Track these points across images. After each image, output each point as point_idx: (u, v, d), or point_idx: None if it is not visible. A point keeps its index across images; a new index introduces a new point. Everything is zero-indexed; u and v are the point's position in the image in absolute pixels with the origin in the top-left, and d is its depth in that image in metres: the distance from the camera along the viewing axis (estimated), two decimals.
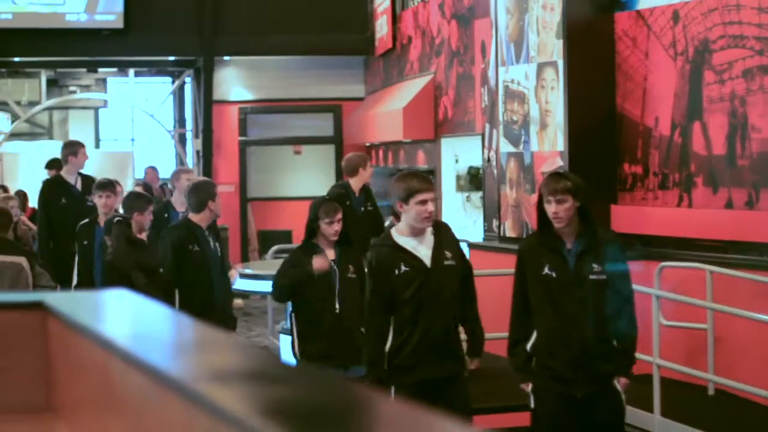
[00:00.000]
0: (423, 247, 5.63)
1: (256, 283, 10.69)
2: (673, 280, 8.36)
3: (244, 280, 10.56)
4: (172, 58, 17.53)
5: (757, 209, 8.17)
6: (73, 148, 9.88)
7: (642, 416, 7.52)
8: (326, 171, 17.03)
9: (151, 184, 14.26)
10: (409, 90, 14.35)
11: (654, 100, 9.15)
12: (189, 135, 18.20)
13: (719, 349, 8.09)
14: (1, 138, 17.74)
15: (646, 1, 9.23)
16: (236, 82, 17.30)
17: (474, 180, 13.09)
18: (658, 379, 7.51)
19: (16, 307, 2.66)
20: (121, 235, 7.36)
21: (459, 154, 13.38)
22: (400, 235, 5.66)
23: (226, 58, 16.99)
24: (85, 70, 18.89)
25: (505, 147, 10.36)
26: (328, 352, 6.63)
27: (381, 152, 16.46)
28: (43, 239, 9.67)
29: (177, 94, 18.63)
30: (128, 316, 2.62)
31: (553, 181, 5.41)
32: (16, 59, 16.96)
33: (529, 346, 5.49)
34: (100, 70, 18.89)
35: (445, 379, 5.67)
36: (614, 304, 5.42)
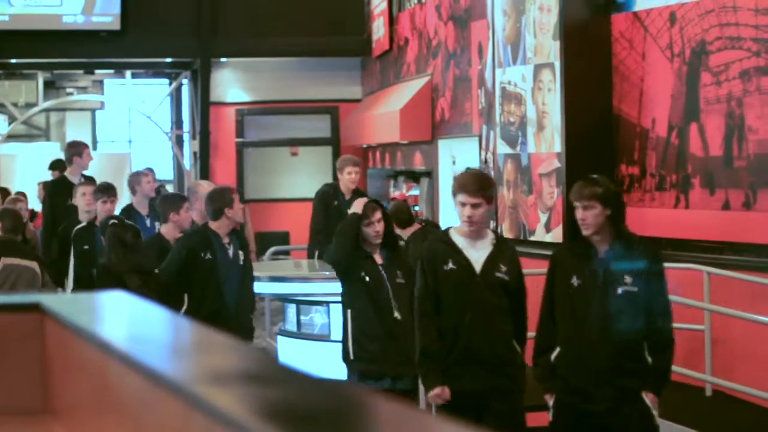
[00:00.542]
0: (476, 251, 5.45)
1: (255, 285, 10.61)
2: (670, 282, 8.33)
3: None
4: (169, 60, 17.53)
5: (754, 210, 8.16)
6: (78, 149, 9.71)
7: None
8: (323, 172, 17.03)
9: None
10: (406, 91, 14.35)
11: (651, 102, 9.15)
12: (186, 136, 18.20)
13: (717, 351, 8.08)
14: None
15: (642, 3, 9.23)
16: (233, 83, 17.30)
17: None
18: None
19: (13, 309, 2.65)
20: (114, 238, 7.33)
21: (456, 156, 13.38)
22: (456, 234, 5.49)
23: (223, 59, 16.99)
24: (82, 71, 18.87)
25: (502, 148, 10.36)
26: (383, 359, 6.44)
27: (378, 154, 16.46)
28: (47, 241, 9.56)
29: (174, 96, 18.62)
30: (125, 318, 2.62)
31: (581, 186, 5.19)
32: (13, 61, 16.95)
33: (553, 357, 5.29)
34: (97, 71, 18.87)
35: (493, 393, 5.44)
36: (648, 318, 5.20)
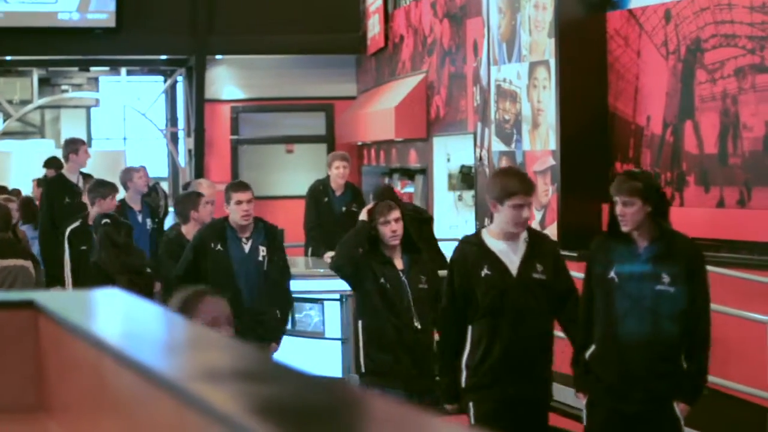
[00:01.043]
0: (512, 254, 5.18)
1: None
2: None
3: None
4: (164, 57, 17.51)
5: (749, 208, 8.17)
6: (75, 146, 9.65)
7: None
8: (318, 170, 16.96)
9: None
10: (401, 89, 14.35)
11: (646, 99, 9.15)
12: (181, 134, 18.18)
13: (712, 349, 8.04)
14: None
15: (637, 0, 9.24)
16: (228, 80, 17.29)
17: (466, 179, 13.09)
18: None
19: (7, 306, 2.64)
20: (106, 239, 7.33)
21: (451, 153, 13.38)
22: (490, 236, 5.21)
23: (218, 56, 16.98)
24: (77, 68, 18.87)
25: (497, 146, 10.36)
26: (394, 372, 6.12)
27: (373, 151, 16.46)
28: (46, 238, 9.48)
29: (169, 93, 18.61)
30: (120, 315, 2.61)
31: (621, 181, 5.00)
32: (8, 58, 16.94)
33: (588, 355, 5.12)
34: (92, 68, 18.88)
35: (531, 402, 5.27)
36: (685, 321, 5.05)
